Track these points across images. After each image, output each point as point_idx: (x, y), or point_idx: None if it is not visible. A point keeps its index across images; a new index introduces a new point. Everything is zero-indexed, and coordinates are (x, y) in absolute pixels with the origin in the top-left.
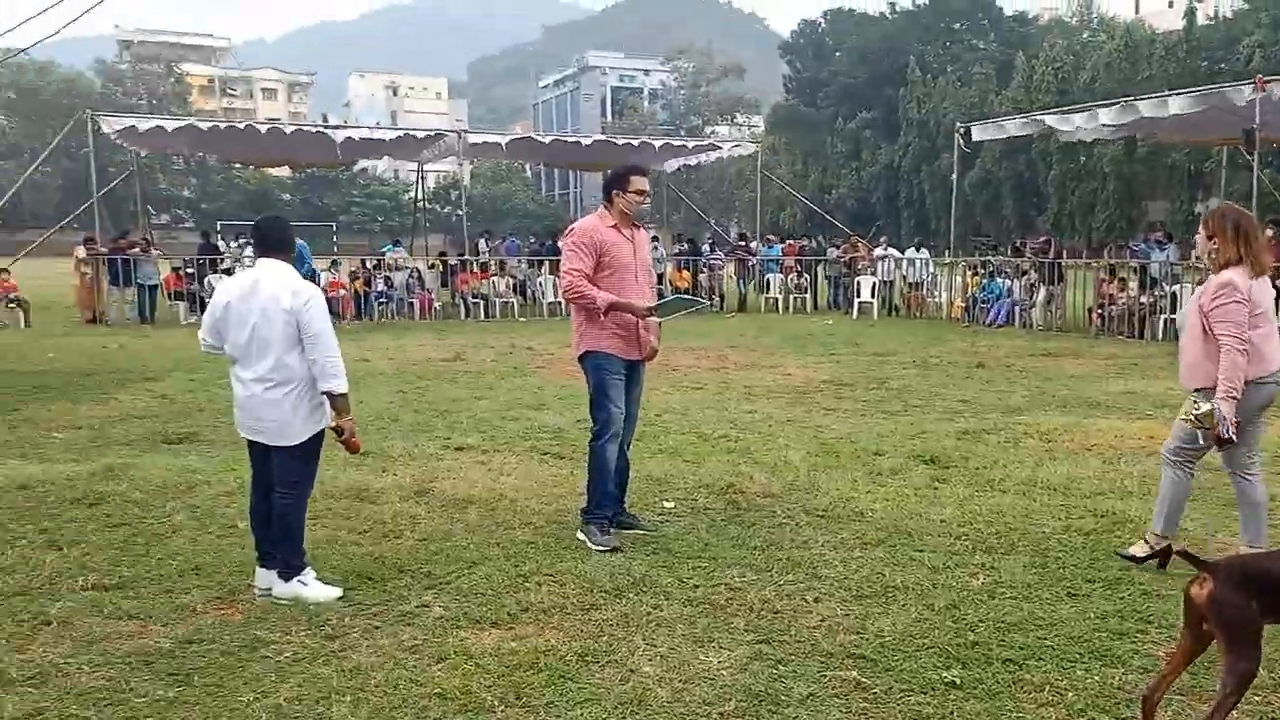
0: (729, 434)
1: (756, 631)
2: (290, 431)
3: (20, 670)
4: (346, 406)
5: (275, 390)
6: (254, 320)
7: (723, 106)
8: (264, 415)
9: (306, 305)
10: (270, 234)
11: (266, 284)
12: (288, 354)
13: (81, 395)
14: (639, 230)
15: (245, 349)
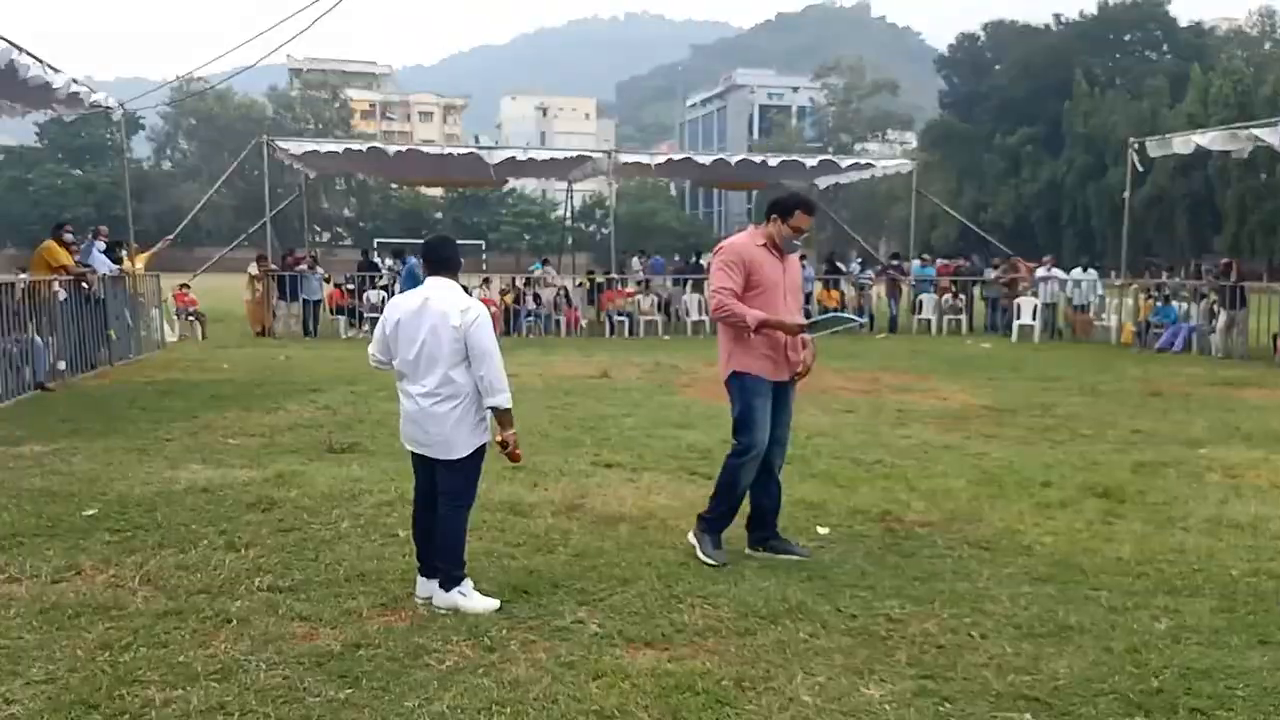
0: (883, 459)
1: (920, 666)
2: (455, 445)
3: (204, 665)
4: (510, 420)
5: (441, 405)
6: (423, 337)
7: (874, 123)
8: (430, 429)
9: (474, 323)
10: (439, 253)
11: (436, 302)
12: (454, 370)
13: (253, 404)
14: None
15: (413, 365)
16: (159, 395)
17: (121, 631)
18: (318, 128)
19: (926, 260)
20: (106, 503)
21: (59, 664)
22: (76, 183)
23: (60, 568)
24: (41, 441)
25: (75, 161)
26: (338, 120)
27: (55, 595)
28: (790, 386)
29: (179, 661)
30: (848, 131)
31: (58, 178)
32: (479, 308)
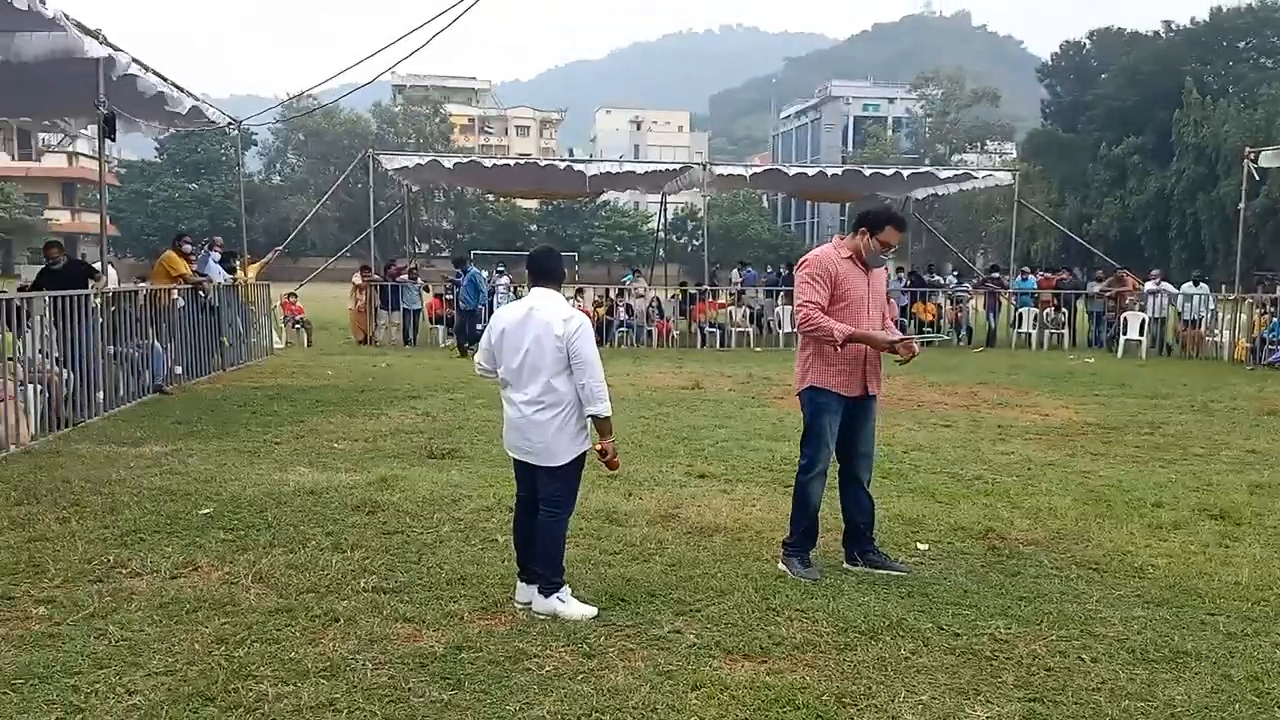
0: (983, 475)
1: (1028, 688)
2: (557, 453)
3: (314, 662)
4: (609, 429)
5: (544, 413)
6: (526, 346)
7: (972, 134)
8: (532, 436)
9: (577, 332)
10: (542, 264)
11: (539, 311)
12: (556, 378)
13: (356, 410)
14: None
15: (517, 373)
16: (268, 400)
17: (236, 627)
18: (419, 142)
19: (1027, 273)
20: (221, 502)
21: (177, 657)
22: (192, 196)
23: (178, 564)
24: (160, 442)
25: (191, 176)
26: (438, 135)
27: (174, 590)
28: (873, 401)
29: (290, 658)
30: (945, 142)
31: (175, 191)
32: (581, 317)
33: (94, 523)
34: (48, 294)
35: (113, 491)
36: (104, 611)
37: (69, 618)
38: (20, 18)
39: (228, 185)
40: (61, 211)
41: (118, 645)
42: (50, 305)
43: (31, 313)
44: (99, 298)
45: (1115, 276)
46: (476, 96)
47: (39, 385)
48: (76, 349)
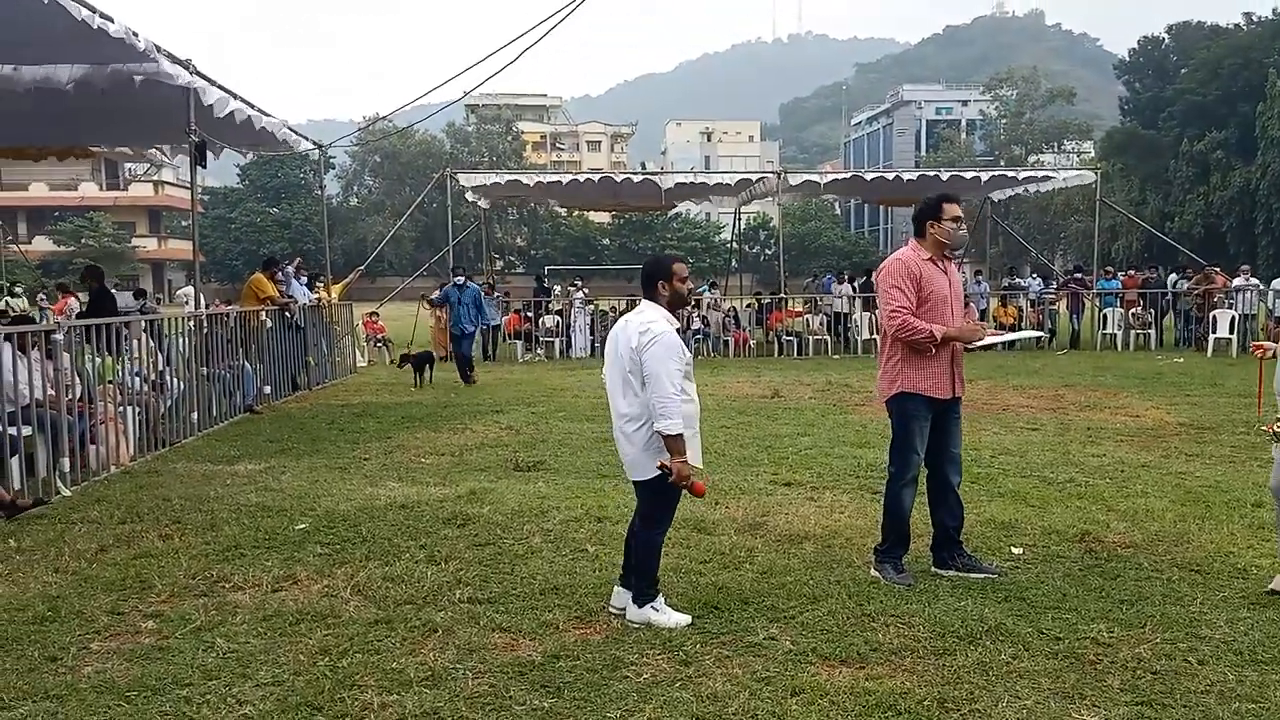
0: (1075, 478)
1: (1134, 692)
2: (640, 466)
3: (416, 672)
4: (677, 448)
5: (629, 425)
6: (616, 357)
7: (1049, 134)
8: (623, 449)
9: (649, 344)
10: (644, 275)
11: (629, 323)
12: (638, 391)
13: (441, 425)
14: (950, 261)
15: (611, 386)
16: (355, 417)
17: (338, 638)
18: (492, 160)
19: (1110, 273)
20: (315, 517)
21: (283, 668)
22: (273, 220)
23: (279, 577)
24: (254, 460)
25: (272, 200)
26: (510, 152)
27: (276, 603)
28: (958, 403)
29: (392, 668)
30: (1020, 143)
31: (257, 216)
32: (658, 330)
33: (195, 539)
34: (125, 319)
35: (211, 509)
36: (210, 625)
37: (177, 631)
38: (113, 50)
39: (307, 208)
40: (149, 239)
41: (225, 657)
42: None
43: (130, 337)
44: (191, 320)
45: (1203, 274)
46: (548, 113)
47: (137, 407)
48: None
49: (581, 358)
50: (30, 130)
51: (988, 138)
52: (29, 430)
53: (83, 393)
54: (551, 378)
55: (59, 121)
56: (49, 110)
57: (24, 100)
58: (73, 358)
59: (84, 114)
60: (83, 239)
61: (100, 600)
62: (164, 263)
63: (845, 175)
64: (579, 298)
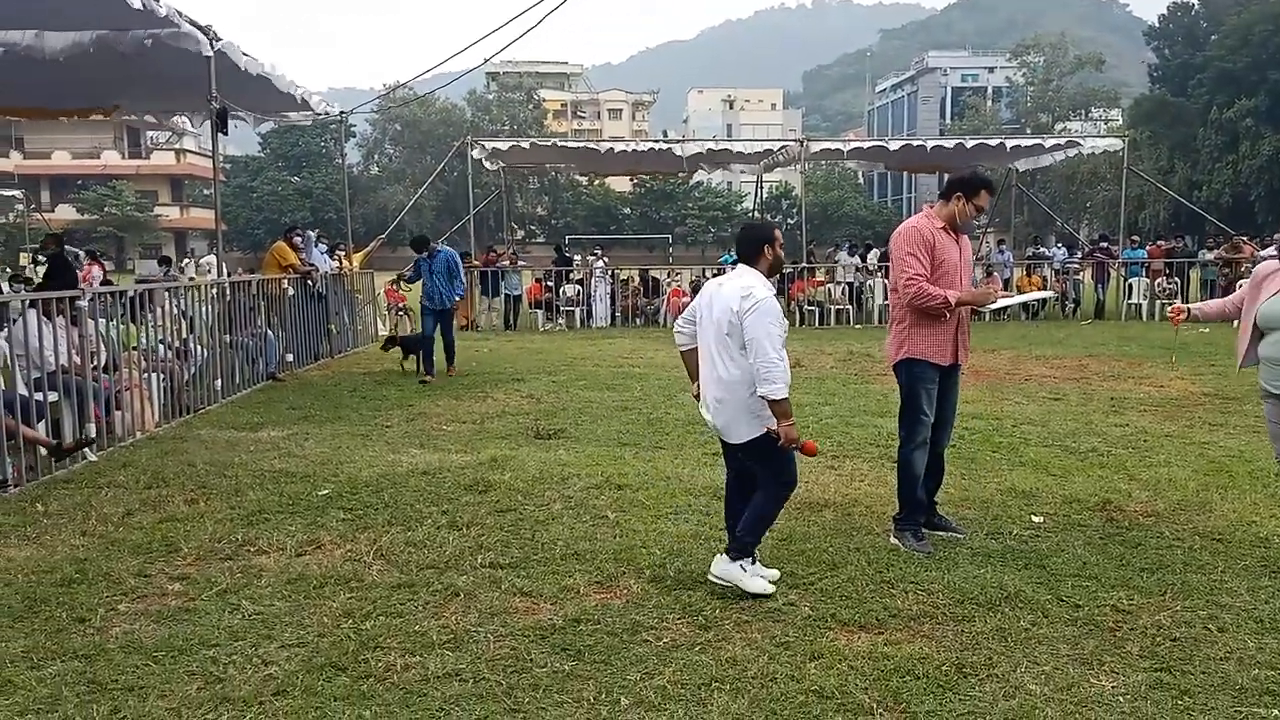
0: (1098, 448)
1: (1154, 658)
2: (737, 429)
3: (438, 634)
4: (784, 411)
5: (725, 388)
6: (714, 319)
7: (1076, 101)
8: (718, 413)
9: (751, 309)
10: (740, 239)
11: (727, 286)
12: (736, 354)
13: (463, 394)
14: (962, 234)
15: (705, 347)
16: (376, 385)
17: (361, 601)
18: (513, 128)
19: (1136, 242)
20: (338, 483)
21: (308, 629)
22: (294, 189)
23: (302, 542)
24: (277, 427)
25: (293, 169)
26: (531, 120)
27: (300, 567)
28: (958, 370)
29: (415, 630)
30: (1047, 111)
31: (278, 185)
32: (760, 295)
33: (220, 504)
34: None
35: (236, 474)
36: (236, 587)
37: (203, 593)
38: (133, 16)
39: (328, 177)
40: (171, 208)
41: (251, 619)
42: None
43: (153, 304)
44: (214, 288)
45: (1230, 243)
46: (569, 81)
47: (161, 374)
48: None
49: (602, 327)
50: (52, 96)
51: (1014, 105)
52: (55, 396)
53: (108, 359)
54: (572, 347)
55: (81, 88)
56: (71, 77)
57: (47, 67)
58: (97, 325)
59: (105, 81)
60: (105, 207)
61: (127, 563)
62: (186, 231)
63: (868, 143)
64: (599, 267)
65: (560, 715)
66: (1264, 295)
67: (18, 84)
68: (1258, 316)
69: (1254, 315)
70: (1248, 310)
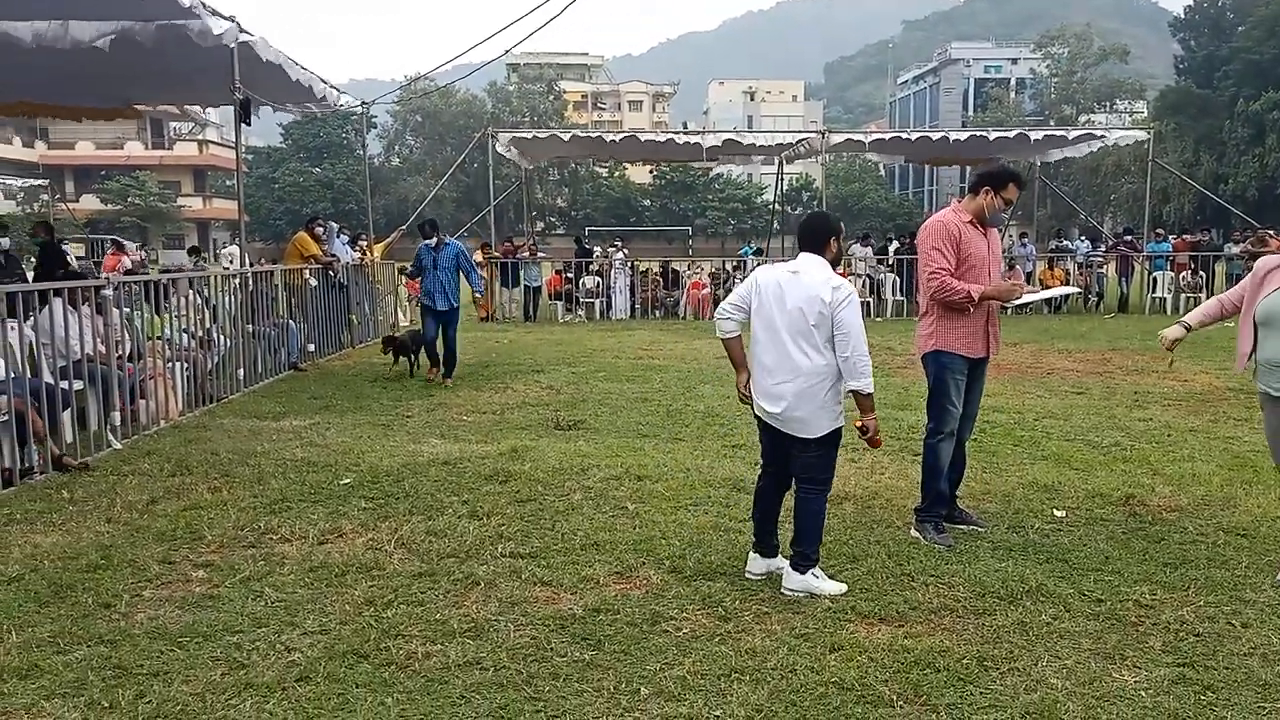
0: (1120, 442)
1: (1176, 653)
2: (814, 424)
3: (459, 623)
4: (871, 405)
5: (807, 381)
6: (789, 311)
7: (1100, 93)
8: (789, 406)
9: (844, 302)
10: (810, 229)
11: (805, 276)
12: (819, 347)
13: (483, 384)
14: (990, 227)
15: (774, 339)
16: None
17: (383, 590)
18: (533, 120)
19: (1160, 235)
20: (360, 473)
21: (330, 617)
22: (316, 180)
23: (325, 530)
24: (299, 417)
25: (315, 160)
26: (552, 111)
27: (322, 555)
28: (985, 363)
29: (436, 619)
30: (1071, 103)
31: (299, 175)
32: (849, 287)
33: (243, 492)
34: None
35: (259, 463)
36: (259, 575)
37: (226, 580)
38: (156, 6)
39: (349, 168)
40: (193, 198)
41: (274, 606)
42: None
43: (176, 293)
44: (237, 278)
45: (1256, 237)
46: (589, 72)
47: (185, 363)
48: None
49: (621, 319)
50: (76, 87)
51: (1038, 97)
52: (80, 384)
53: (132, 349)
54: (591, 338)
55: (105, 79)
56: (94, 69)
57: (70, 59)
58: (121, 314)
59: (129, 71)
60: (129, 197)
61: (152, 550)
62: (209, 222)
63: (890, 134)
64: (619, 258)
65: (580, 705)
66: (1264, 292)
67: (42, 78)
68: (1256, 313)
69: (1254, 312)
70: (1248, 308)
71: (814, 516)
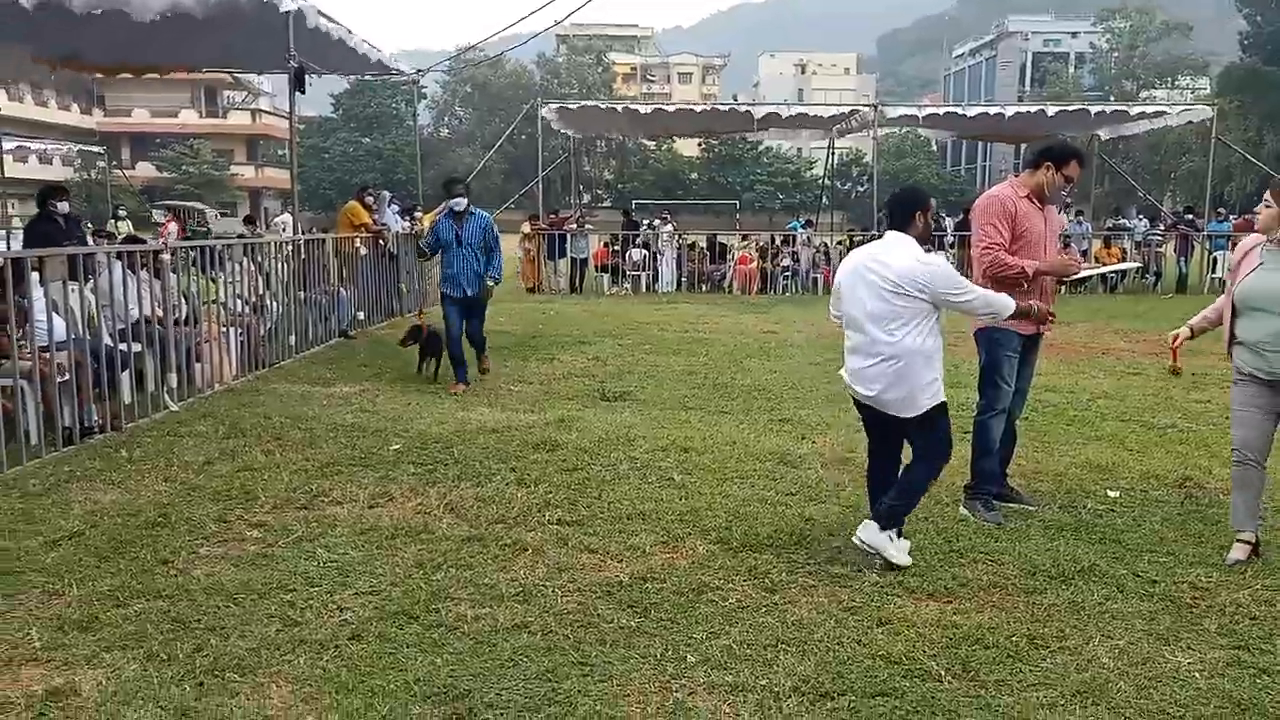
0: (1177, 423)
1: (1232, 636)
2: (914, 402)
3: (507, 587)
4: (1024, 311)
5: (895, 363)
6: (879, 291)
7: (1162, 68)
8: (886, 385)
9: (942, 277)
10: (896, 205)
11: (899, 258)
12: (913, 324)
13: (529, 355)
14: (1049, 204)
15: (866, 319)
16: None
17: (432, 553)
18: (582, 92)
19: (1222, 215)
20: (409, 439)
21: (381, 578)
22: (366, 150)
23: (375, 494)
24: (349, 384)
25: (365, 130)
26: (601, 84)
27: (373, 518)
28: (1039, 339)
29: (484, 583)
30: (1132, 78)
31: (350, 145)
32: (937, 258)
33: (295, 455)
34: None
35: (310, 427)
36: (311, 536)
37: (280, 541)
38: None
39: (399, 139)
40: (246, 167)
41: (326, 566)
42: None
43: (230, 259)
44: (290, 246)
45: None
46: (639, 44)
47: (238, 329)
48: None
49: (668, 292)
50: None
51: (1097, 71)
52: (138, 347)
53: (188, 313)
54: (637, 311)
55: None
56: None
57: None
58: (178, 278)
59: (186, 39)
60: (183, 165)
61: (208, 509)
62: (261, 191)
63: (944, 109)
64: (667, 230)
65: (627, 670)
66: (1242, 273)
67: (106, 42)
68: (1235, 295)
69: (1231, 295)
70: (1230, 286)
71: (915, 479)
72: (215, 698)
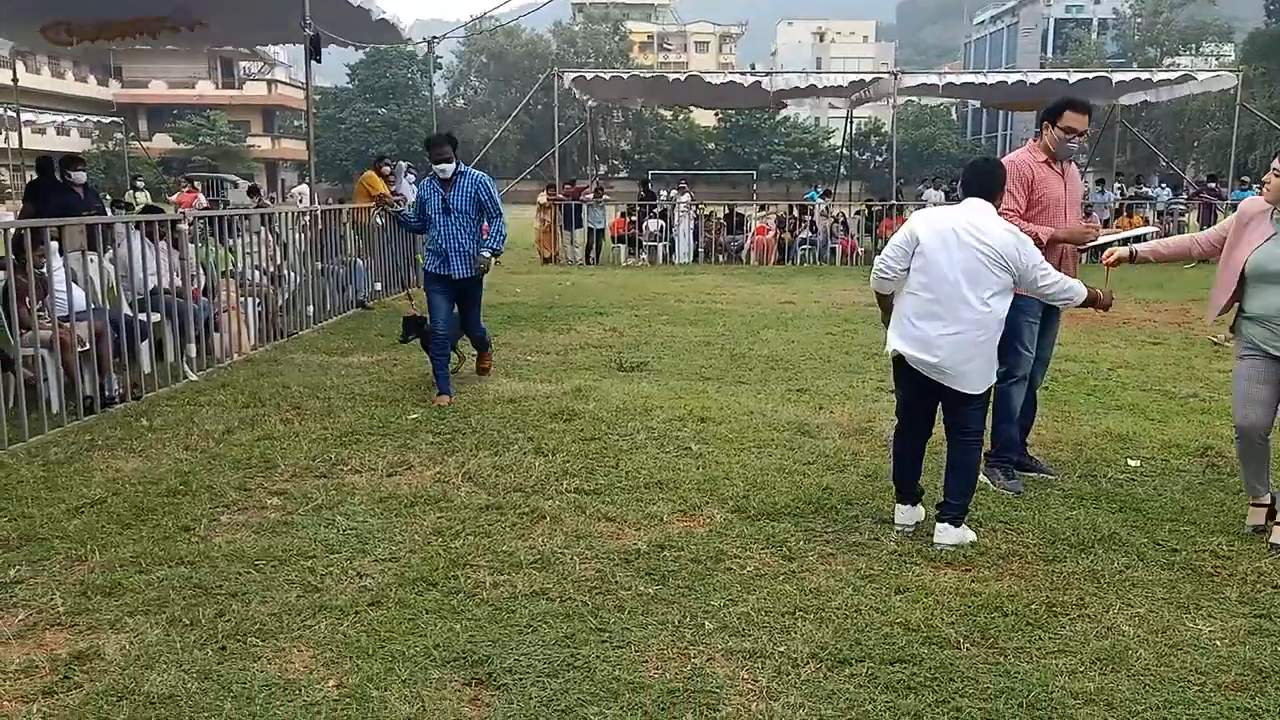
0: (1199, 393)
1: (1254, 604)
2: (977, 378)
3: (525, 555)
4: (1091, 297)
5: (970, 334)
6: (959, 261)
7: (1186, 35)
8: (951, 357)
9: (1030, 250)
10: (977, 174)
11: (975, 223)
12: (992, 297)
13: (546, 325)
14: (1070, 164)
15: (942, 288)
16: None
17: (451, 521)
18: (598, 61)
19: (1246, 183)
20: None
21: (400, 545)
22: (381, 121)
23: (393, 463)
24: (366, 353)
25: (380, 101)
26: (617, 52)
27: (391, 487)
28: (1058, 308)
29: (503, 550)
30: (1155, 45)
31: (365, 116)
32: (1026, 235)
33: (314, 424)
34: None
35: (328, 396)
36: (330, 504)
37: (299, 508)
38: None
39: (414, 109)
40: (262, 138)
41: (345, 534)
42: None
43: (243, 229)
44: (307, 215)
45: None
46: (655, 12)
47: (256, 299)
48: None
49: (684, 263)
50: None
51: (1120, 38)
52: (157, 317)
53: (207, 283)
54: (654, 282)
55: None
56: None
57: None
58: (197, 249)
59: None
60: (200, 137)
61: (228, 477)
62: (277, 162)
63: (964, 77)
64: (684, 200)
65: (645, 637)
66: (1251, 240)
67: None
68: (1248, 265)
69: (1243, 263)
70: (1228, 253)
71: (971, 469)
72: (237, 662)
